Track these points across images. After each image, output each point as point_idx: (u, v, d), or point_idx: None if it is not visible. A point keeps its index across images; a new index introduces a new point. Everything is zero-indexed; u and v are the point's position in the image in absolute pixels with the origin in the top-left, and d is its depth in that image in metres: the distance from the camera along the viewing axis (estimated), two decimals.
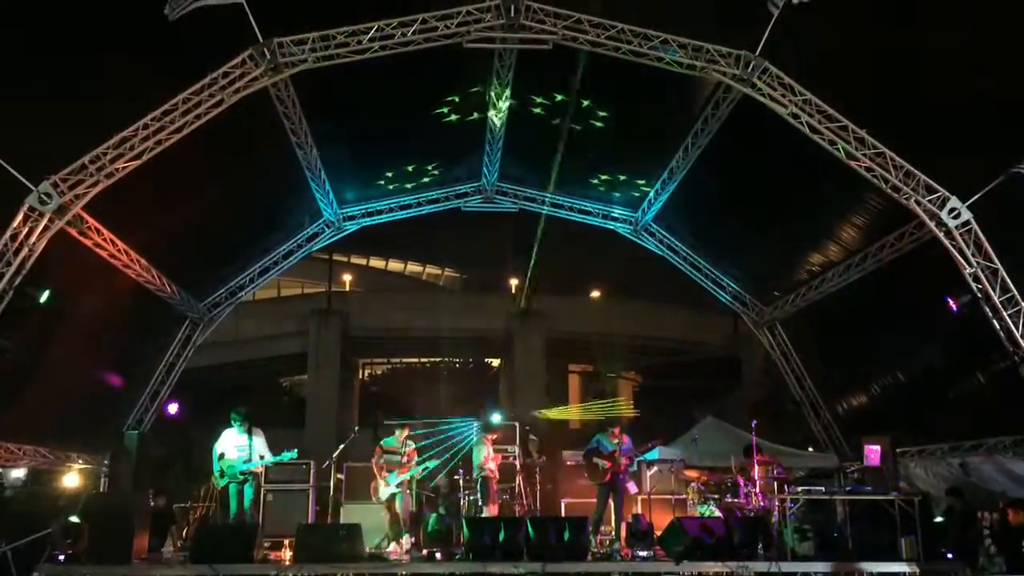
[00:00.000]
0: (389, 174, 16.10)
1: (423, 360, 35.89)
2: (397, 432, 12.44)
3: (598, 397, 35.37)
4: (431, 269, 42.06)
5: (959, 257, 11.20)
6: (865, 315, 14.32)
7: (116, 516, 10.64)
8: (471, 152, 16.16)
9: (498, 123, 14.86)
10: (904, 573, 10.19)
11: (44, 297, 11.32)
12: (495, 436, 13.13)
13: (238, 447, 11.76)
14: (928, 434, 13.87)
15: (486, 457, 12.74)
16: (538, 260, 24.22)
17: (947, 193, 11.17)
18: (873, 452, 12.05)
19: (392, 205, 17.24)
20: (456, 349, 33.39)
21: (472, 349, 33.14)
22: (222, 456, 11.75)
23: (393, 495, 11.98)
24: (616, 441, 12.29)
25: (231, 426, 11.90)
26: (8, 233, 10.82)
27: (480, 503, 12.67)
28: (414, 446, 12.52)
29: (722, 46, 11.58)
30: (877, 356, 14.51)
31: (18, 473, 16.05)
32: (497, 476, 12.90)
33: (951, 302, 11.49)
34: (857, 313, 14.41)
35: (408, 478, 12.13)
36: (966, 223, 11.13)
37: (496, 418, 15.14)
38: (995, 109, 10.61)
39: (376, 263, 39.93)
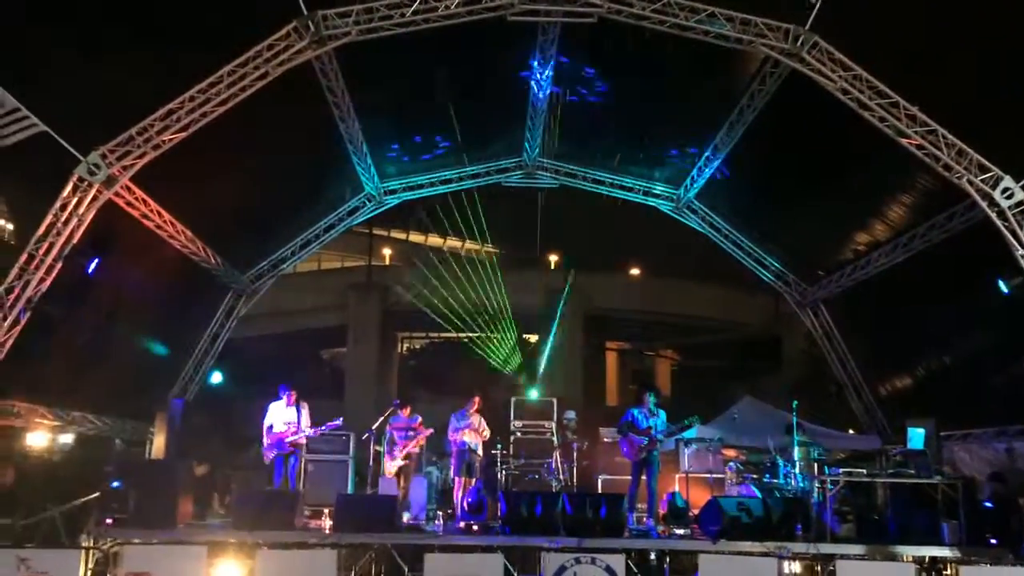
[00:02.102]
0: (426, 142, 16.11)
1: (461, 335, 35.99)
2: (400, 411, 12.75)
3: (635, 375, 35.34)
4: (470, 244, 42.04)
5: (1011, 238, 10.91)
6: (911, 296, 14.06)
7: (161, 482, 10.88)
8: (512, 127, 16.07)
9: (540, 97, 14.74)
10: (945, 558, 10.07)
11: (92, 267, 11.52)
12: (474, 407, 12.73)
13: (286, 420, 12.00)
14: (974, 418, 13.63)
15: (462, 430, 12.51)
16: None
17: (1001, 172, 10.88)
18: (916, 435, 11.88)
19: (433, 179, 17.23)
20: (494, 324, 33.39)
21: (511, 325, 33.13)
22: (270, 429, 11.99)
23: (402, 467, 12.39)
24: (651, 415, 12.10)
25: (279, 399, 12.12)
26: (58, 203, 11.01)
27: (448, 475, 12.88)
28: (420, 419, 12.77)
29: (771, 19, 11.36)
30: (923, 338, 14.27)
31: (66, 439, 16.44)
32: (479, 452, 12.63)
33: (1001, 284, 11.25)
34: (903, 294, 14.16)
35: (418, 450, 12.69)
36: (1019, 203, 10.85)
37: (534, 394, 15.16)
38: None
39: (416, 238, 40.01)
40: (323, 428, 12.20)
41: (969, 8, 10.28)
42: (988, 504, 11.57)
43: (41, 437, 14.13)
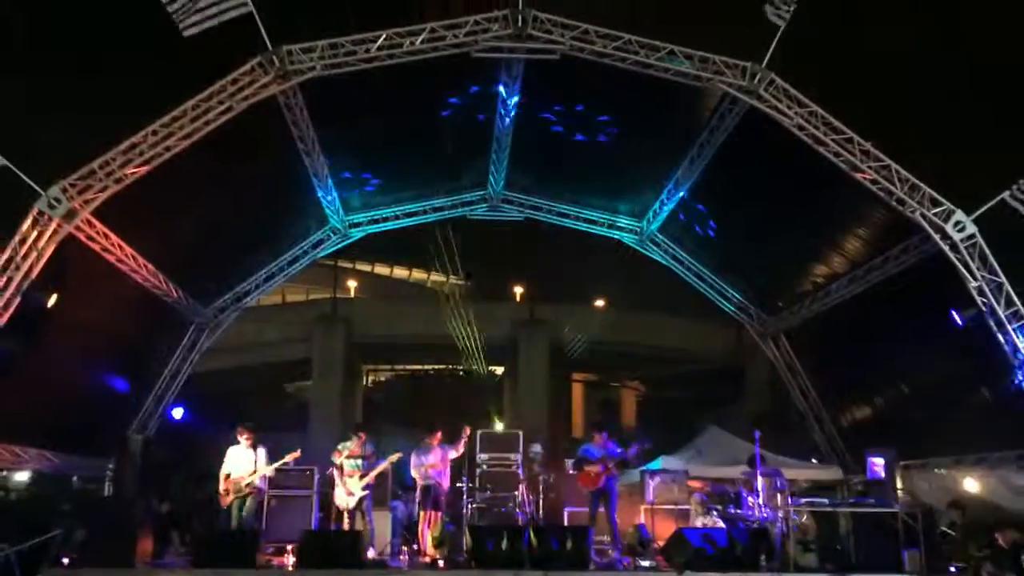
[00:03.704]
0: (391, 175, 16.19)
1: (427, 367, 35.87)
2: (353, 437, 12.40)
3: (602, 406, 35.38)
4: (436, 276, 42.03)
5: (964, 271, 11.21)
6: (869, 327, 14.31)
7: (120, 520, 10.69)
8: (477, 160, 16.21)
9: (504, 132, 14.90)
10: None
11: (51, 301, 11.38)
12: (436, 440, 12.49)
13: (244, 465, 11.86)
14: (932, 447, 13.84)
15: (425, 465, 12.24)
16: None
17: (952, 206, 11.20)
18: (877, 464, 12.05)
19: (398, 212, 17.28)
20: (460, 356, 33.35)
21: (476, 357, 33.10)
22: (228, 476, 11.84)
23: (361, 499, 12.03)
24: (602, 446, 12.25)
25: (237, 443, 11.99)
26: (17, 237, 10.88)
27: (414, 509, 12.65)
28: (372, 449, 12.45)
29: (728, 57, 11.63)
30: (881, 368, 14.50)
31: (22, 476, 16.11)
32: (445, 485, 12.40)
33: (956, 315, 11.50)
34: (861, 325, 14.41)
35: (373, 480, 12.16)
36: (971, 236, 11.15)
37: (500, 426, 15.15)
38: (1001, 123, 10.63)
39: (381, 270, 39.92)
40: (281, 463, 12.04)
41: (923, 46, 10.63)
42: (947, 532, 11.75)
43: None
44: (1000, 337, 11.13)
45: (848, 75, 11.52)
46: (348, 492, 12.01)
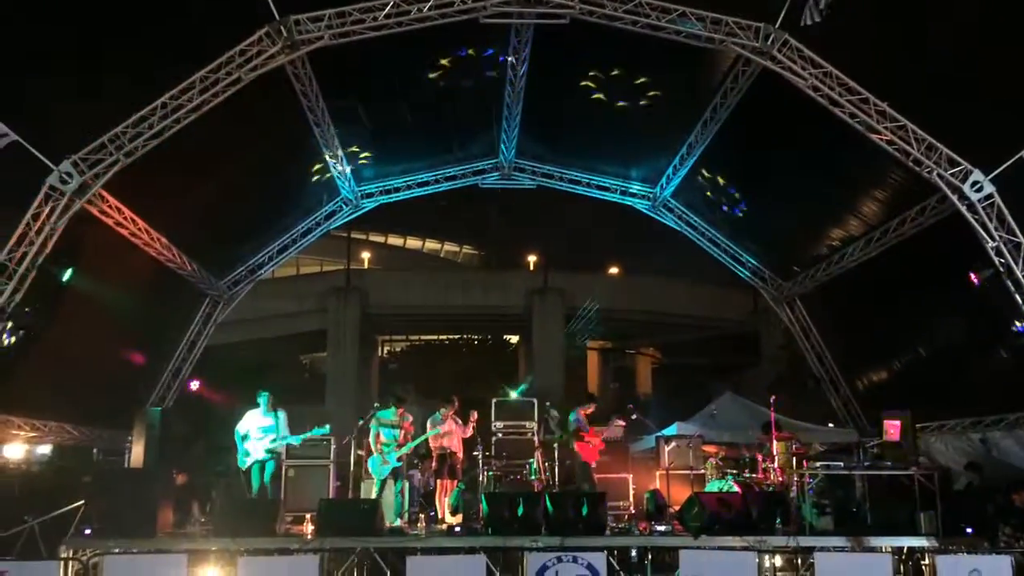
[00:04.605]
0: (401, 144, 16.14)
1: (442, 337, 36.01)
2: (393, 407, 12.35)
3: (617, 373, 35.46)
4: (449, 246, 42.06)
5: (981, 231, 11.07)
6: (886, 290, 14.20)
7: (140, 491, 10.81)
8: (488, 128, 16.10)
9: (515, 99, 14.77)
10: (923, 548, 10.19)
11: (67, 276, 11.44)
12: (452, 411, 12.60)
13: (263, 427, 11.90)
14: (949, 409, 13.79)
15: (441, 433, 12.44)
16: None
17: (970, 166, 11.03)
18: (893, 427, 12.02)
19: (409, 182, 17.24)
20: (475, 326, 33.47)
21: (491, 326, 33.23)
22: (245, 437, 11.90)
23: (395, 470, 12.03)
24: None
25: (256, 406, 12.03)
26: (30, 213, 10.91)
27: (429, 477, 12.92)
28: (411, 419, 12.43)
29: (741, 18, 11.45)
30: (898, 331, 14.42)
31: (44, 449, 16.30)
32: (460, 454, 12.62)
33: (973, 276, 11.38)
34: (878, 288, 14.30)
35: (409, 452, 12.22)
36: (989, 196, 11.00)
37: (513, 394, 15.21)
38: (1019, 81, 10.43)
39: (394, 240, 39.98)
40: (308, 434, 12.10)
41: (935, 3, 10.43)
42: (964, 493, 11.72)
43: (18, 448, 14.03)
44: (1018, 297, 11.01)
45: (864, 34, 11.33)
46: (383, 463, 12.08)
